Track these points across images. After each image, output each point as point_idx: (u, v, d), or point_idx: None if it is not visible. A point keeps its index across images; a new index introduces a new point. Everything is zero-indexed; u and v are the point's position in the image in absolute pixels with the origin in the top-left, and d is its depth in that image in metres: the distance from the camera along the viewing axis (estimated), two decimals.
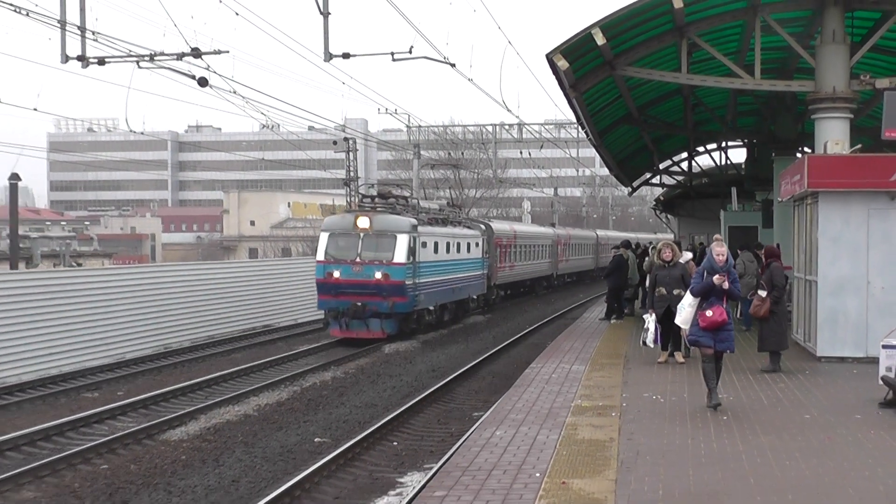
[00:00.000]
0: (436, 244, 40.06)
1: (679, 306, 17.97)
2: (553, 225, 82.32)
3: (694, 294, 16.88)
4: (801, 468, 12.78)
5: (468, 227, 49.70)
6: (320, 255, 36.68)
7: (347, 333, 35.50)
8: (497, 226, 59.33)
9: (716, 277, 16.40)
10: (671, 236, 48.43)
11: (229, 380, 29.09)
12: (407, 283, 35.19)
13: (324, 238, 37.06)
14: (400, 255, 35.03)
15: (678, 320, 17.87)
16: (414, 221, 36.92)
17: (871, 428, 15.29)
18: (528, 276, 66.65)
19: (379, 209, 37.72)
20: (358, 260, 35.41)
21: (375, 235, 35.78)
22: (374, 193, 39.00)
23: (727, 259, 16.81)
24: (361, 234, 35.81)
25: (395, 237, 35.29)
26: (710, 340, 16.56)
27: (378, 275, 34.69)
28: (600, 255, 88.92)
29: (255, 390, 26.91)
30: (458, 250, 45.16)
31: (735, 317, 27.66)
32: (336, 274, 35.31)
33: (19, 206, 75.83)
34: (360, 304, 34.64)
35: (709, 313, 16.38)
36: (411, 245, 35.62)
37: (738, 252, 29.76)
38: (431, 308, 40.09)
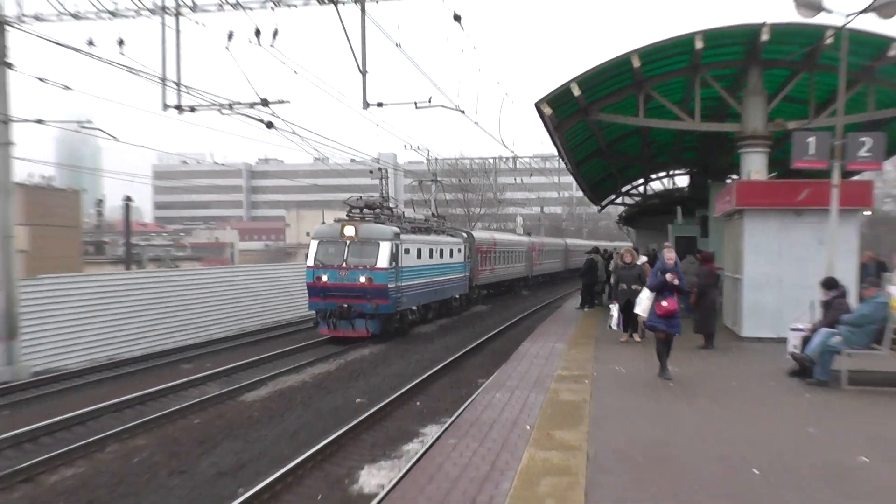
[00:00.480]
0: (419, 250, 36.88)
1: (638, 299, 18.06)
2: (529, 234, 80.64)
3: (651, 289, 17.13)
4: (728, 422, 12.91)
5: (451, 236, 45.91)
6: (310, 261, 33.58)
7: (335, 333, 32.40)
8: (478, 234, 55.13)
9: (668, 275, 16.70)
10: (630, 244, 48.14)
11: (289, 355, 29.12)
12: (389, 286, 32.48)
13: (314, 245, 33.91)
14: (382, 261, 32.28)
15: (637, 310, 17.94)
16: (396, 230, 34.04)
17: (781, 392, 15.55)
18: (507, 278, 61.89)
19: (368, 219, 34.60)
20: (344, 265, 32.47)
21: (360, 243, 32.81)
22: (363, 205, 35.63)
23: (675, 261, 17.24)
24: (348, 242, 32.89)
25: (378, 244, 32.51)
26: (663, 325, 16.83)
27: (362, 279, 32.12)
28: (569, 259, 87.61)
29: (310, 363, 27.01)
30: (441, 256, 41.51)
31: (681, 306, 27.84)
32: (324, 278, 32.53)
33: (131, 221, 75.95)
34: (345, 305, 32.00)
35: (664, 304, 16.67)
36: (393, 251, 32.84)
37: (685, 256, 29.87)
38: (414, 308, 36.60)
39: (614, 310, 24.10)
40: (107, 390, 23.33)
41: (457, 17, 25.54)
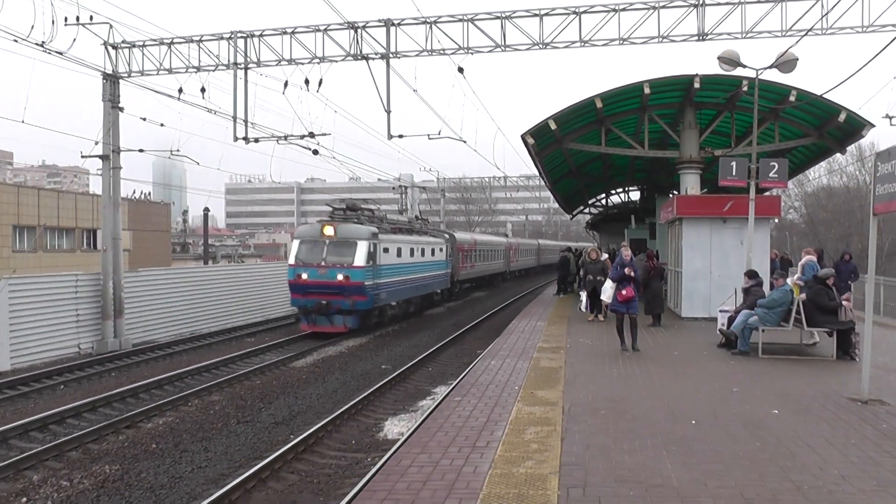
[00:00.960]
0: (399, 249, 32.01)
1: (603, 288, 18.46)
2: (506, 236, 75.20)
3: (613, 280, 17.13)
4: (672, 382, 12.83)
5: (433, 236, 39.78)
6: (291, 260, 29.06)
7: (315, 328, 27.72)
8: (460, 235, 49.01)
9: (626, 269, 16.66)
10: (595, 244, 48.06)
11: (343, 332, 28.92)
12: (366, 283, 27.90)
13: (295, 245, 29.54)
14: (360, 259, 27.69)
15: (603, 296, 18.22)
16: (374, 230, 29.42)
17: (712, 359, 15.50)
18: (487, 273, 55.82)
19: (353, 221, 29.79)
20: (323, 263, 27.76)
21: (338, 242, 28.02)
22: (345, 206, 31.21)
23: (631, 258, 17.27)
24: (327, 241, 28.14)
25: (356, 243, 27.86)
26: (623, 308, 16.72)
27: (340, 276, 27.42)
28: (542, 257, 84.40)
29: (346, 337, 26.92)
30: (423, 254, 35.88)
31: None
32: (304, 276, 27.93)
33: (209, 226, 76.08)
34: (324, 302, 27.36)
35: (623, 292, 16.65)
36: (371, 250, 28.26)
37: (636, 254, 29.94)
38: (394, 304, 31.61)
39: (583, 295, 24.19)
40: (189, 358, 23.31)
41: (460, 70, 25.57)
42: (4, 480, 11.18)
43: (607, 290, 17.55)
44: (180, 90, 26.84)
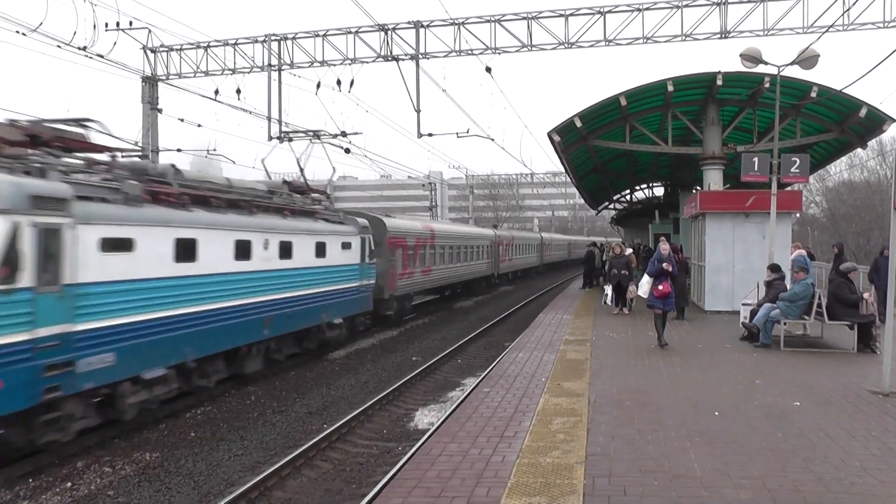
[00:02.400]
0: (181, 243, 13.96)
1: (640, 283, 17.48)
2: (494, 227, 57.77)
3: (650, 275, 16.41)
4: (695, 374, 12.74)
5: (327, 220, 21.52)
6: None
7: None
8: (395, 222, 29.65)
9: (664, 264, 16.08)
10: (619, 239, 47.96)
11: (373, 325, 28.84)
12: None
13: None
14: None
15: (639, 291, 17.26)
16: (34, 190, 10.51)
17: (735, 352, 15.36)
18: (457, 279, 38.33)
19: None
20: None
21: None
22: None
23: (669, 252, 16.60)
24: None
25: None
26: (660, 304, 16.07)
27: None
28: (545, 254, 69.26)
29: (378, 331, 26.92)
30: (289, 254, 18.21)
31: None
32: None
33: None
34: None
35: (660, 287, 16.04)
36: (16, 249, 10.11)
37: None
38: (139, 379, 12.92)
39: (608, 289, 24.04)
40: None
41: (488, 69, 25.60)
42: (50, 466, 11.31)
43: (644, 286, 16.76)
44: (216, 91, 27.11)
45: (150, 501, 10.11)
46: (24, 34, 20.64)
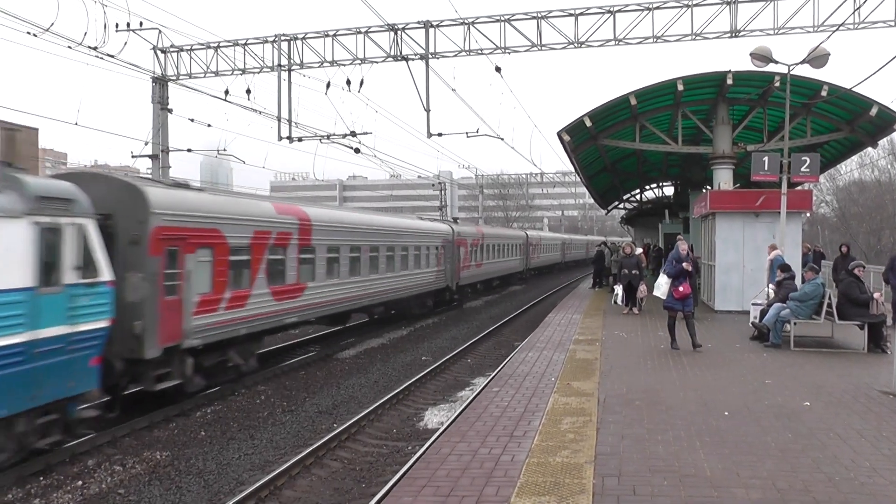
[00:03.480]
0: None
1: (657, 283, 16.62)
2: (456, 220, 55.73)
3: (669, 275, 15.76)
4: (705, 374, 12.73)
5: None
6: None
7: None
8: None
9: (684, 264, 15.59)
10: (629, 239, 47.92)
11: (372, 324, 28.83)
12: None
13: None
14: None
15: (658, 293, 16.38)
16: None
17: (744, 352, 15.35)
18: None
19: None
20: None
21: None
22: None
23: (688, 252, 16.13)
24: None
25: None
26: (679, 305, 15.59)
27: None
28: (532, 258, 66.03)
29: (388, 330, 26.93)
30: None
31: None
32: None
33: None
34: None
35: (680, 288, 15.54)
36: None
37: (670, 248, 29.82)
38: None
39: (618, 289, 23.97)
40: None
41: (497, 69, 25.60)
42: (61, 464, 11.36)
43: (661, 286, 16.07)
44: (226, 92, 27.19)
45: (160, 500, 10.15)
46: (35, 35, 20.74)
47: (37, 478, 10.78)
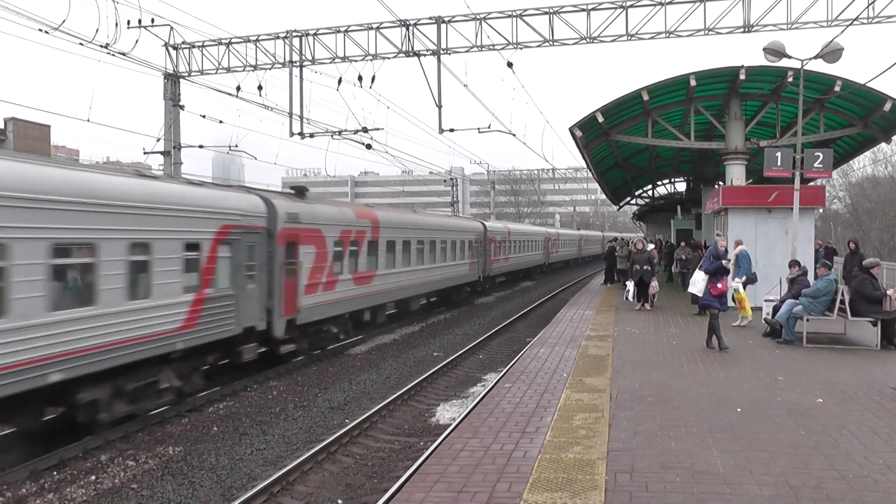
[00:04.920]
0: None
1: (692, 280, 16.54)
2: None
3: (707, 272, 15.46)
4: (717, 371, 12.70)
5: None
6: None
7: None
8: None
9: (724, 261, 15.40)
10: (641, 235, 47.85)
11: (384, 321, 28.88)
12: None
13: None
14: None
15: (694, 290, 16.20)
16: None
17: (757, 347, 15.31)
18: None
19: None
20: None
21: None
22: None
23: (726, 248, 15.75)
24: None
25: None
26: (717, 303, 15.26)
27: None
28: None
29: (400, 326, 26.97)
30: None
31: (679, 284, 27.67)
32: None
33: None
34: None
35: (718, 286, 15.31)
36: None
37: (682, 243, 29.79)
38: None
39: (630, 285, 23.90)
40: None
41: (509, 64, 25.57)
42: (74, 460, 11.43)
43: (698, 283, 15.72)
44: (238, 88, 27.25)
45: (173, 495, 10.20)
46: (47, 32, 20.82)
47: (50, 472, 10.87)
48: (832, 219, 75.33)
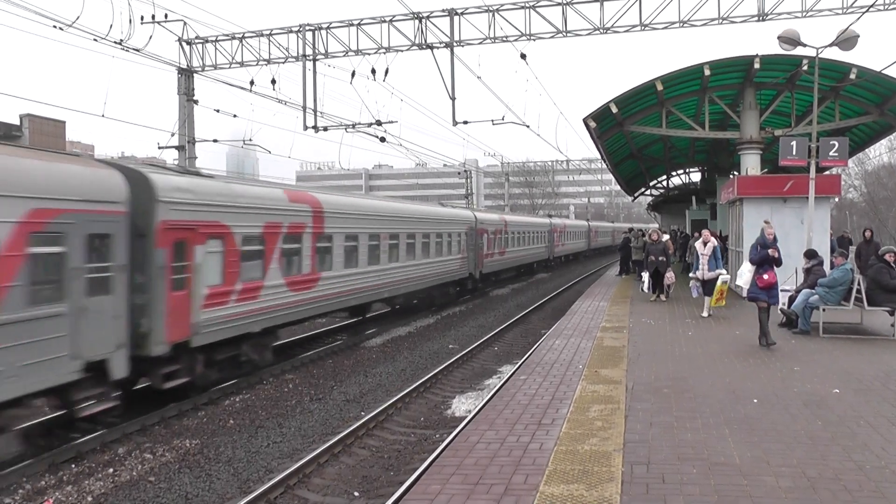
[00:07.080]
0: None
1: (739, 272, 15.72)
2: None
3: (753, 263, 14.46)
4: (732, 361, 12.66)
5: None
6: None
7: None
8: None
9: (770, 250, 14.37)
10: (656, 226, 47.63)
11: (399, 312, 28.78)
12: None
13: None
14: None
15: (740, 282, 15.28)
16: None
17: (774, 339, 15.05)
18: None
19: None
20: None
21: None
22: None
23: (774, 236, 14.78)
24: None
25: None
26: (765, 296, 14.24)
27: None
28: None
29: (415, 318, 26.98)
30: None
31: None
32: None
33: None
34: None
35: (765, 277, 14.24)
36: None
37: (698, 234, 29.65)
38: None
39: (645, 276, 23.79)
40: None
41: (523, 56, 25.55)
42: (92, 453, 11.49)
43: (744, 275, 14.79)
44: (252, 82, 27.27)
45: (190, 488, 10.25)
46: (61, 28, 20.88)
47: (68, 465, 10.93)
48: (848, 208, 74.89)
